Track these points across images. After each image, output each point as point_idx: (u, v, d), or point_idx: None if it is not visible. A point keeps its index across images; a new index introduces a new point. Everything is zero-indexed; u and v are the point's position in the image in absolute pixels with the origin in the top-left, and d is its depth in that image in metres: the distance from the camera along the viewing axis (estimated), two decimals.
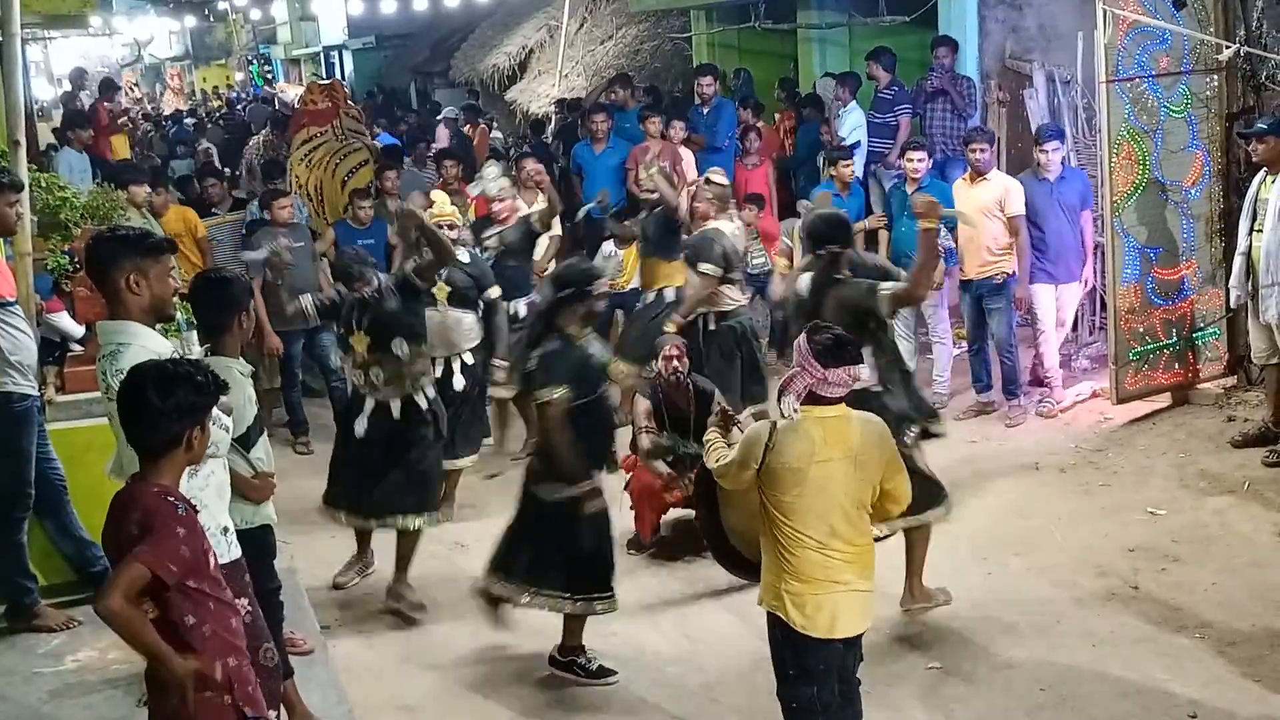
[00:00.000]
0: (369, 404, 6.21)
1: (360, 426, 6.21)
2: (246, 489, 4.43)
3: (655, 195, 8.60)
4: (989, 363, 8.49)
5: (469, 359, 7.37)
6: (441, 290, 7.14)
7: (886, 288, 5.37)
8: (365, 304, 6.21)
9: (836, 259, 5.52)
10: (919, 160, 8.39)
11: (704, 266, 7.64)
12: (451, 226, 7.18)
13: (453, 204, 7.79)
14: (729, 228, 8.03)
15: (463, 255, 7.29)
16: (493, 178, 8.25)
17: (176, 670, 3.19)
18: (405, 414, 6.20)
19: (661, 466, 6.61)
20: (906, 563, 5.72)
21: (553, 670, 5.46)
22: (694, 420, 6.63)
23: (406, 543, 6.18)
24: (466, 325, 7.39)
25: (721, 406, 4.72)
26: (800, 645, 4.12)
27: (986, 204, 8.05)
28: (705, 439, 4.51)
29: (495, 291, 7.49)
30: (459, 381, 7.25)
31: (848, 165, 9.14)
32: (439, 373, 7.05)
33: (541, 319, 5.36)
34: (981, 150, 8.17)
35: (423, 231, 6.28)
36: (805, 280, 5.59)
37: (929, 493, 5.54)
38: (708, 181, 8.29)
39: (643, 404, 6.81)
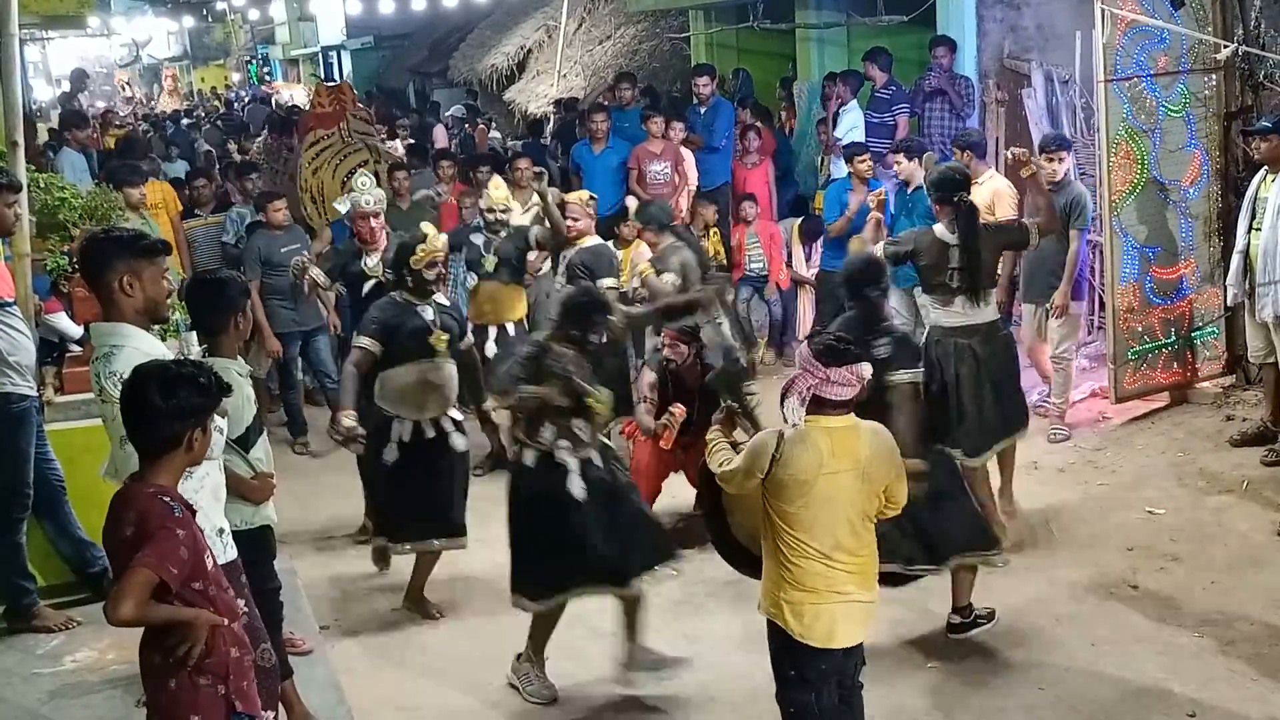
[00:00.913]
0: (573, 464, 5.22)
1: (579, 489, 5.21)
2: (246, 490, 4.43)
3: (506, 216, 7.98)
4: None
5: (458, 414, 6.32)
6: (440, 340, 6.14)
7: (1030, 221, 6.51)
8: (593, 357, 5.32)
9: (974, 206, 6.30)
10: (896, 164, 8.46)
11: (608, 280, 7.62)
12: (444, 263, 6.38)
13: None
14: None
15: (442, 298, 6.34)
16: (366, 188, 7.29)
17: (198, 624, 3.22)
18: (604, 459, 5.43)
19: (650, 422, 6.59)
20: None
21: None
22: (699, 392, 6.55)
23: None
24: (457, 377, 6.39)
25: (726, 405, 4.69)
26: (798, 653, 4.10)
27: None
28: (708, 438, 4.49)
29: (470, 339, 6.62)
30: (460, 441, 6.18)
31: (863, 160, 9.08)
32: (431, 435, 6.08)
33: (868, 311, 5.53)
34: (952, 154, 8.19)
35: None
36: (942, 228, 6.25)
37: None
38: (593, 198, 8.25)
39: (648, 375, 6.79)
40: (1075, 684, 5.18)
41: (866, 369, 4.06)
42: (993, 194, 7.95)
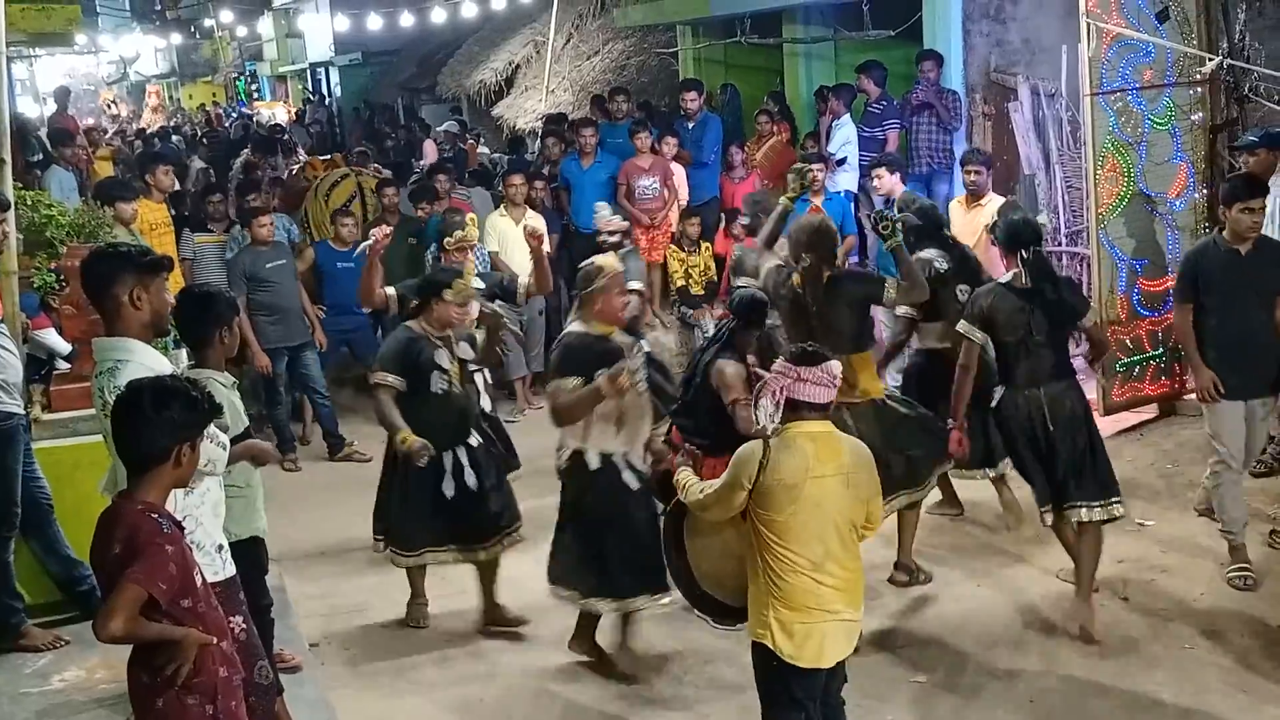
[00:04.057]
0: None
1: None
2: (257, 450, 4.57)
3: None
4: None
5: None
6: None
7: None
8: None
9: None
10: (877, 178, 8.54)
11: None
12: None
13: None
14: None
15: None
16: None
17: (187, 643, 3.22)
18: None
19: None
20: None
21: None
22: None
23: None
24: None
25: (689, 448, 4.66)
26: (787, 673, 4.11)
27: (981, 229, 7.97)
28: (677, 480, 4.45)
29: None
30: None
31: (819, 171, 9.09)
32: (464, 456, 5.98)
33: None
34: (976, 173, 7.99)
35: None
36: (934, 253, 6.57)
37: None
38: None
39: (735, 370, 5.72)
40: (1065, 696, 5.18)
41: (837, 367, 4.09)
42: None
